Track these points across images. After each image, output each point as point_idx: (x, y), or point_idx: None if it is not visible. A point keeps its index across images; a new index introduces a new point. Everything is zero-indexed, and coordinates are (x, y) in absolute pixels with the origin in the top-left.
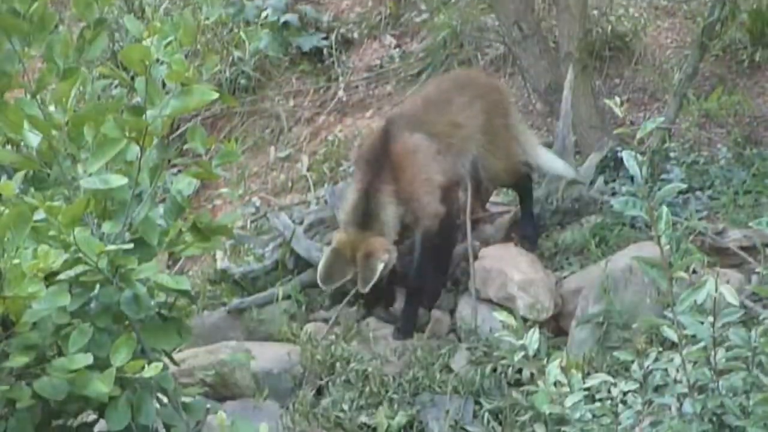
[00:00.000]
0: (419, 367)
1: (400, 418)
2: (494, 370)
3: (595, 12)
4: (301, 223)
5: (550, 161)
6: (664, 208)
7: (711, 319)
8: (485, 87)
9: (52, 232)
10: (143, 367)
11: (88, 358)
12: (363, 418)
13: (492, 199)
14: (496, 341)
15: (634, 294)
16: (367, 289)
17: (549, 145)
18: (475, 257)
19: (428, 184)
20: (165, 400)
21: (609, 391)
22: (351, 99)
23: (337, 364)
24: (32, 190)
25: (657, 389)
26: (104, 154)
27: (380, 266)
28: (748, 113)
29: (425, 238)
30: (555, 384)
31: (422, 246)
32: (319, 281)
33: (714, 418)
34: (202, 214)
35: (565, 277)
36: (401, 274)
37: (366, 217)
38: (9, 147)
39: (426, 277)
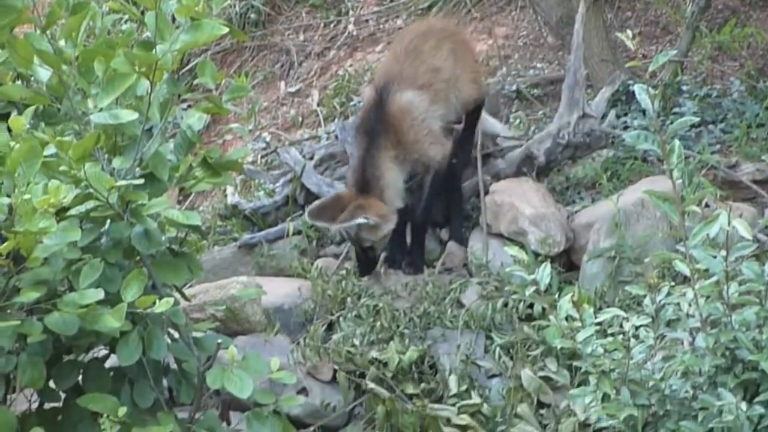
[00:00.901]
0: (430, 302)
1: (411, 353)
2: (505, 304)
3: None
4: (311, 158)
5: (485, 119)
6: (677, 142)
7: (723, 253)
8: (444, 31)
9: (62, 168)
10: (154, 303)
11: (99, 294)
12: (374, 353)
13: (504, 133)
14: (507, 276)
15: (646, 228)
16: (333, 228)
17: (561, 80)
18: (486, 192)
19: (431, 136)
20: (176, 335)
21: (621, 326)
22: (361, 33)
23: (348, 299)
24: (42, 125)
25: (669, 324)
26: (114, 89)
27: (360, 220)
28: (761, 45)
29: (435, 179)
30: (566, 318)
31: (431, 185)
32: (306, 213)
33: (727, 353)
34: (212, 150)
35: (576, 212)
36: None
37: (366, 183)
38: (19, 82)
39: (431, 212)
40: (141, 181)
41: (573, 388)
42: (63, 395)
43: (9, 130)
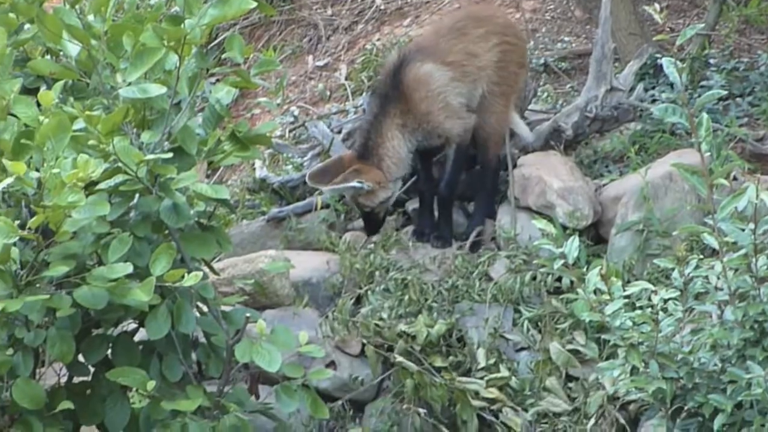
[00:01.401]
0: (458, 276)
1: (440, 327)
2: (534, 278)
3: None
4: (339, 132)
5: (516, 122)
6: (704, 115)
7: (752, 225)
8: (504, 26)
9: (91, 142)
10: (183, 276)
11: (128, 267)
12: (402, 327)
13: (530, 106)
14: (535, 249)
15: (674, 201)
16: (326, 190)
17: (588, 53)
18: (514, 165)
19: (447, 109)
20: (204, 308)
21: (649, 299)
22: (389, 7)
23: (376, 273)
24: (72, 99)
25: (697, 297)
26: (143, 64)
27: (353, 184)
28: None
29: (458, 153)
30: (595, 292)
31: (455, 159)
32: (306, 176)
33: (755, 326)
34: (240, 124)
35: (604, 185)
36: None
37: (368, 149)
38: (48, 57)
39: (456, 186)
40: (170, 155)
41: (601, 361)
42: (92, 369)
43: (38, 104)
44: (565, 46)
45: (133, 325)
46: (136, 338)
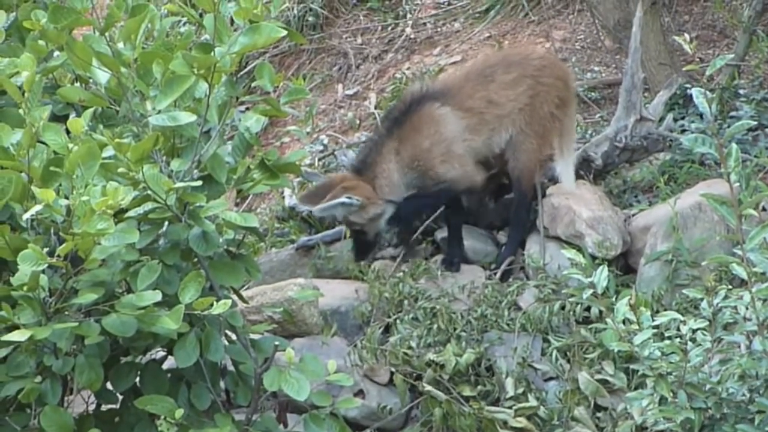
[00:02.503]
0: (487, 305)
1: (468, 356)
2: (562, 307)
3: None
4: None
5: (564, 170)
6: (734, 145)
7: None
8: (538, 68)
9: (121, 169)
10: (212, 304)
11: (157, 295)
12: (431, 356)
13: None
14: (564, 279)
15: (703, 231)
16: (317, 209)
17: (618, 83)
18: (543, 194)
19: (447, 154)
20: (233, 337)
21: (678, 329)
22: (419, 36)
23: (405, 302)
24: (101, 127)
25: (726, 327)
26: (173, 91)
27: (343, 199)
28: None
29: (447, 198)
30: (624, 322)
31: (437, 196)
32: (297, 199)
33: None
34: (270, 152)
35: (633, 215)
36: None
37: (364, 165)
38: (78, 84)
39: (412, 216)
40: (199, 183)
41: (630, 391)
42: (120, 397)
43: (68, 131)
44: (594, 76)
45: (162, 353)
46: (165, 366)
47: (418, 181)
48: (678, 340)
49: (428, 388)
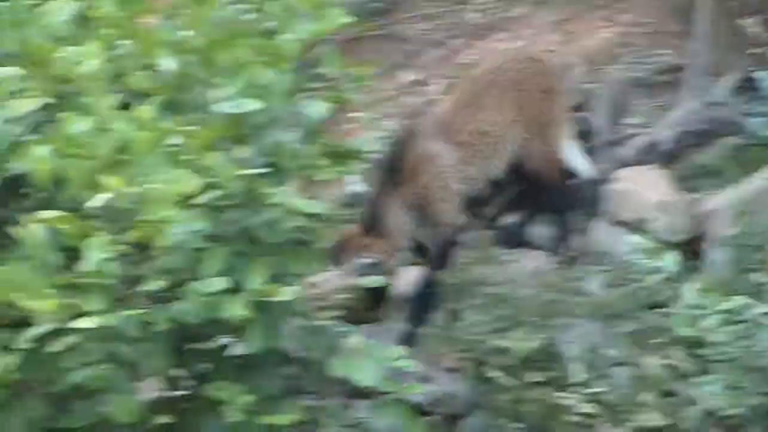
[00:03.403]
0: (554, 291)
1: (535, 342)
2: (630, 293)
3: None
4: None
5: (570, 154)
6: None
7: None
8: (518, 75)
9: (187, 157)
10: (279, 291)
11: (224, 282)
12: (497, 341)
13: (626, 121)
14: (631, 264)
15: None
16: (341, 271)
17: (685, 67)
18: (610, 180)
19: (444, 190)
20: (300, 323)
21: (746, 314)
22: (482, 21)
23: (472, 288)
24: (168, 114)
25: None
26: (239, 79)
27: (364, 260)
28: None
29: (438, 249)
30: (691, 306)
31: (434, 256)
32: None
33: None
34: (335, 138)
35: (701, 199)
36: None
37: (373, 219)
38: (144, 72)
39: (432, 284)
40: (265, 170)
41: (698, 376)
42: (189, 383)
43: (134, 120)
44: (661, 60)
45: (230, 340)
46: (233, 353)
47: (420, 222)
48: (746, 324)
49: (495, 374)
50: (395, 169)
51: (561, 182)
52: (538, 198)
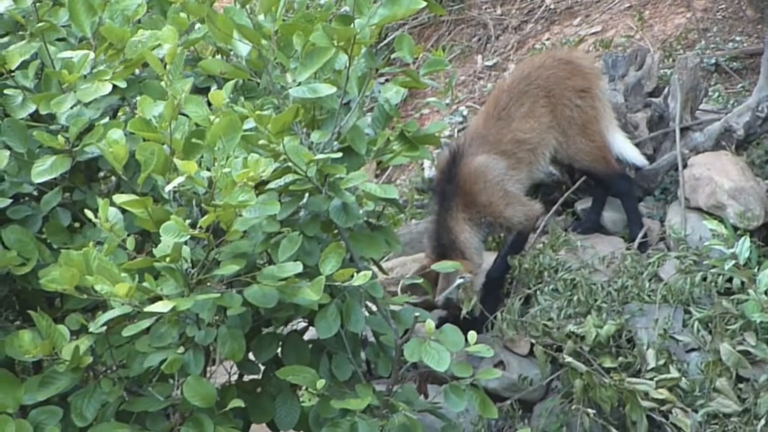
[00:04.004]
0: (628, 276)
1: (609, 327)
2: (704, 278)
3: None
4: None
5: (621, 147)
6: None
7: None
8: (546, 82)
9: (261, 141)
10: (352, 276)
11: (298, 267)
12: (571, 327)
13: (702, 106)
14: (705, 250)
15: None
16: (439, 299)
17: (760, 53)
18: (684, 165)
19: (506, 197)
20: (374, 308)
21: None
22: (559, 6)
23: (545, 273)
24: (242, 99)
25: None
26: (313, 63)
27: (459, 281)
28: None
29: (518, 238)
30: (766, 292)
31: (512, 243)
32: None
33: None
34: (409, 123)
35: None
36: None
37: (444, 248)
38: (219, 56)
39: (505, 270)
40: (339, 154)
41: None
42: (262, 368)
43: (209, 104)
44: (736, 46)
45: (303, 324)
46: (306, 337)
47: (491, 231)
48: None
49: (569, 359)
50: (449, 193)
51: (615, 172)
52: (604, 186)
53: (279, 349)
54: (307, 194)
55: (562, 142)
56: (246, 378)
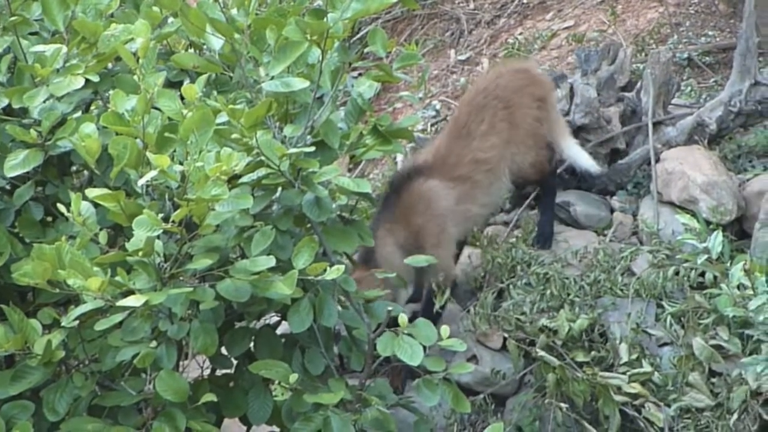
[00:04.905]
0: (601, 270)
1: (582, 321)
2: (677, 273)
3: None
4: None
5: (575, 155)
6: None
7: None
8: (504, 92)
9: (234, 135)
10: (325, 270)
11: (271, 261)
12: (544, 321)
13: (674, 101)
14: (678, 244)
15: None
16: None
17: (732, 47)
18: (657, 160)
19: (441, 235)
20: (347, 302)
21: None
22: (531, 1)
23: (518, 267)
24: (215, 93)
25: None
26: (286, 57)
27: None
28: None
29: (428, 299)
30: (738, 287)
31: (426, 296)
32: None
33: None
34: (382, 117)
35: (748, 180)
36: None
37: (368, 254)
38: (192, 50)
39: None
40: (312, 148)
41: (745, 356)
42: (235, 362)
43: (182, 98)
44: (709, 41)
45: (276, 318)
46: (279, 331)
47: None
48: None
49: (541, 353)
50: (391, 204)
51: (551, 173)
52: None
53: (252, 344)
54: (280, 188)
55: (516, 154)
56: (219, 372)
